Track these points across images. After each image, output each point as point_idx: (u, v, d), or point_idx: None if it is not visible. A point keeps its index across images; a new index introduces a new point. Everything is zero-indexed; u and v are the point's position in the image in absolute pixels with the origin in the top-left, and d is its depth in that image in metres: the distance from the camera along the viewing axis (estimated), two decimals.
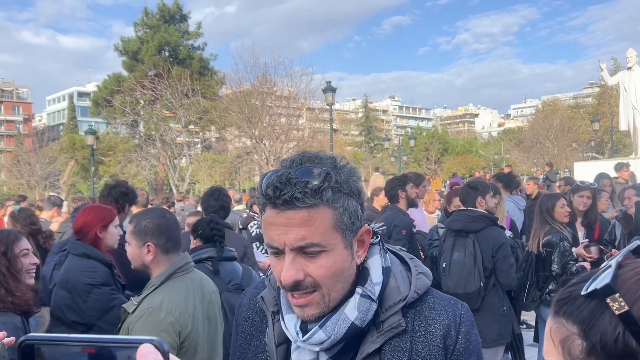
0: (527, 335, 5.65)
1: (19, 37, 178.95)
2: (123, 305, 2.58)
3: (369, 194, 7.75)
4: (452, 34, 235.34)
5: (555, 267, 4.59)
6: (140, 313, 2.47)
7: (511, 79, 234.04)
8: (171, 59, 34.02)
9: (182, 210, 10.84)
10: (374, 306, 1.14)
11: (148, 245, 2.60)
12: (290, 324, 1.15)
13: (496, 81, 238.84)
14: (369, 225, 1.20)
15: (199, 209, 7.09)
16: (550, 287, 4.69)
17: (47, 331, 3.42)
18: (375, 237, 1.22)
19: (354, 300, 1.13)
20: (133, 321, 2.47)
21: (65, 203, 9.21)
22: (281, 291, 1.20)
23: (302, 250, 1.07)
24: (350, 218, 1.11)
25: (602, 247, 4.85)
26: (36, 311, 2.91)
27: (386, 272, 1.19)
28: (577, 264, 4.62)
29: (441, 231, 6.08)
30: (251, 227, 6.65)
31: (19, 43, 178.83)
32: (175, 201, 13.98)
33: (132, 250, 2.67)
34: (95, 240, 3.41)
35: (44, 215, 7.61)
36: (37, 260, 2.80)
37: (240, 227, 7.04)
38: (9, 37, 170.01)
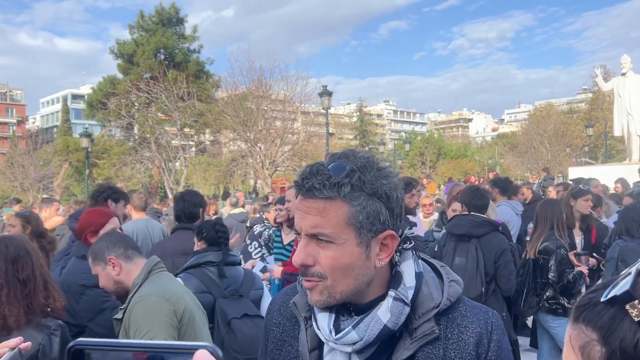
0: (524, 341, 5.67)
1: (15, 39, 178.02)
2: (114, 317, 2.58)
3: None
4: (448, 39, 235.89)
5: (552, 274, 4.57)
6: (132, 305, 2.48)
7: (506, 84, 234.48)
8: (167, 62, 33.83)
9: (167, 215, 10.80)
10: (407, 310, 1.14)
11: (110, 260, 2.62)
12: (323, 322, 1.16)
13: (491, 86, 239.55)
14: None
15: None
16: (547, 293, 4.67)
17: None
18: (409, 243, 1.22)
19: (387, 302, 1.14)
20: (127, 317, 2.48)
21: (63, 207, 9.15)
22: None
23: (315, 238, 1.12)
24: (368, 218, 1.11)
25: (595, 256, 4.88)
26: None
27: (419, 277, 1.19)
28: (574, 271, 4.60)
29: (436, 234, 6.09)
30: (256, 227, 6.72)
31: (15, 45, 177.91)
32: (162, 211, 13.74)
33: (101, 275, 2.67)
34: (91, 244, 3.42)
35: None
36: None
37: (248, 225, 7.12)
38: (5, 40, 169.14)
